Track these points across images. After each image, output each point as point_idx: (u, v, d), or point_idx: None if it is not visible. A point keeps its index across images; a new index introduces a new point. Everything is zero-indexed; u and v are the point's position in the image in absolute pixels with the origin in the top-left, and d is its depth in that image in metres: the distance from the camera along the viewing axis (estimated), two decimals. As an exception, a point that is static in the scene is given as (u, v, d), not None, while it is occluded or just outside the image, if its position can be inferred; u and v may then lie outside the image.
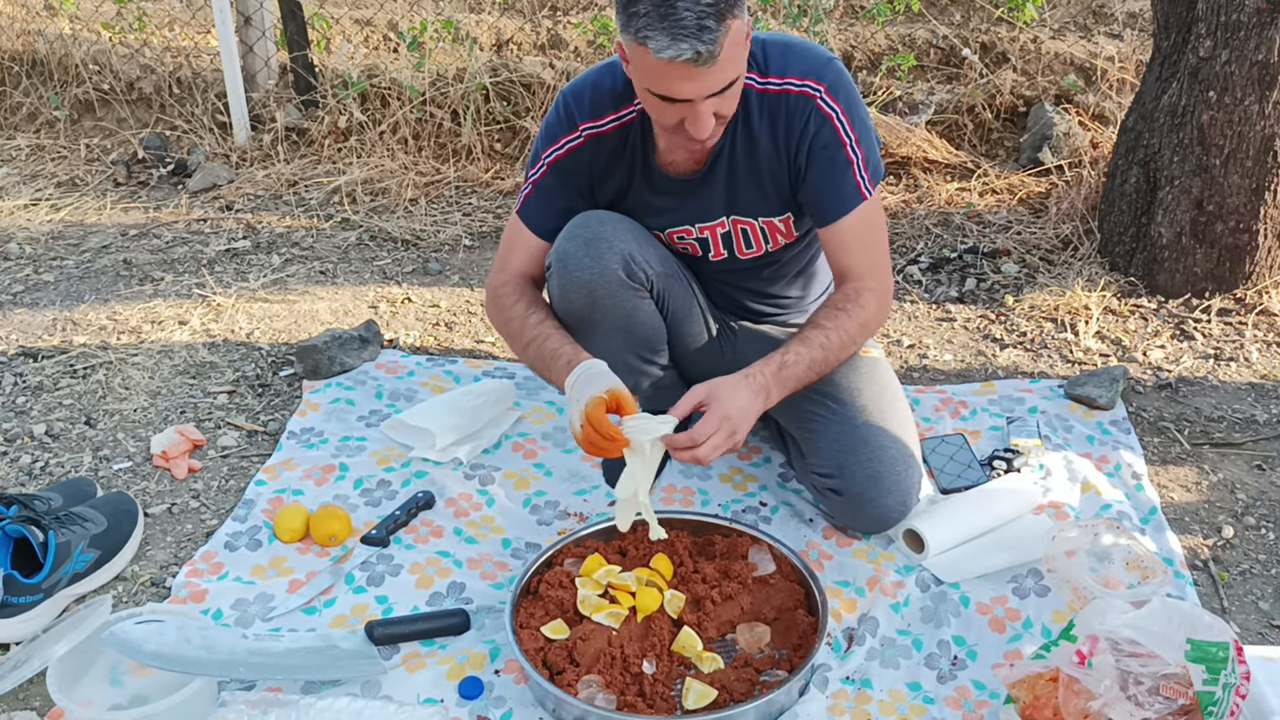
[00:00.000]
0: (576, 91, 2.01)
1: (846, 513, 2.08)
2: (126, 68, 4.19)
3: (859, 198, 1.95)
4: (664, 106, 1.78)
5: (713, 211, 2.05)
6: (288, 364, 2.73)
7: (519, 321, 2.03)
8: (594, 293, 1.98)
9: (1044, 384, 2.60)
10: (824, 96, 1.91)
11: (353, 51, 4.24)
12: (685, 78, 1.71)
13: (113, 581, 2.06)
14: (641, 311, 2.05)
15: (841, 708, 1.77)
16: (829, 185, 1.95)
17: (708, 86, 1.74)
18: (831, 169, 1.94)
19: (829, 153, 1.93)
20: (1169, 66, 2.91)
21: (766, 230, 2.07)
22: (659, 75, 1.73)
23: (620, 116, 1.99)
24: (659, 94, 1.76)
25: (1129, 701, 1.56)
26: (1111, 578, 1.95)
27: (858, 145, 1.93)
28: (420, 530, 2.16)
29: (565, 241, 2.00)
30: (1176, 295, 2.94)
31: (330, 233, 3.44)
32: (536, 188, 2.06)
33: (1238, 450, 2.40)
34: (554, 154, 2.03)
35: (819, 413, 2.07)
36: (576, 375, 1.88)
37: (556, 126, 2.02)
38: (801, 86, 1.91)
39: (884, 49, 4.12)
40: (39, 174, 3.86)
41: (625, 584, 1.92)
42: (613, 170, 2.04)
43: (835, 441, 2.03)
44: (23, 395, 2.59)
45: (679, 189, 2.04)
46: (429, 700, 1.78)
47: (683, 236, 2.10)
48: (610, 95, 1.98)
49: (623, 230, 2.01)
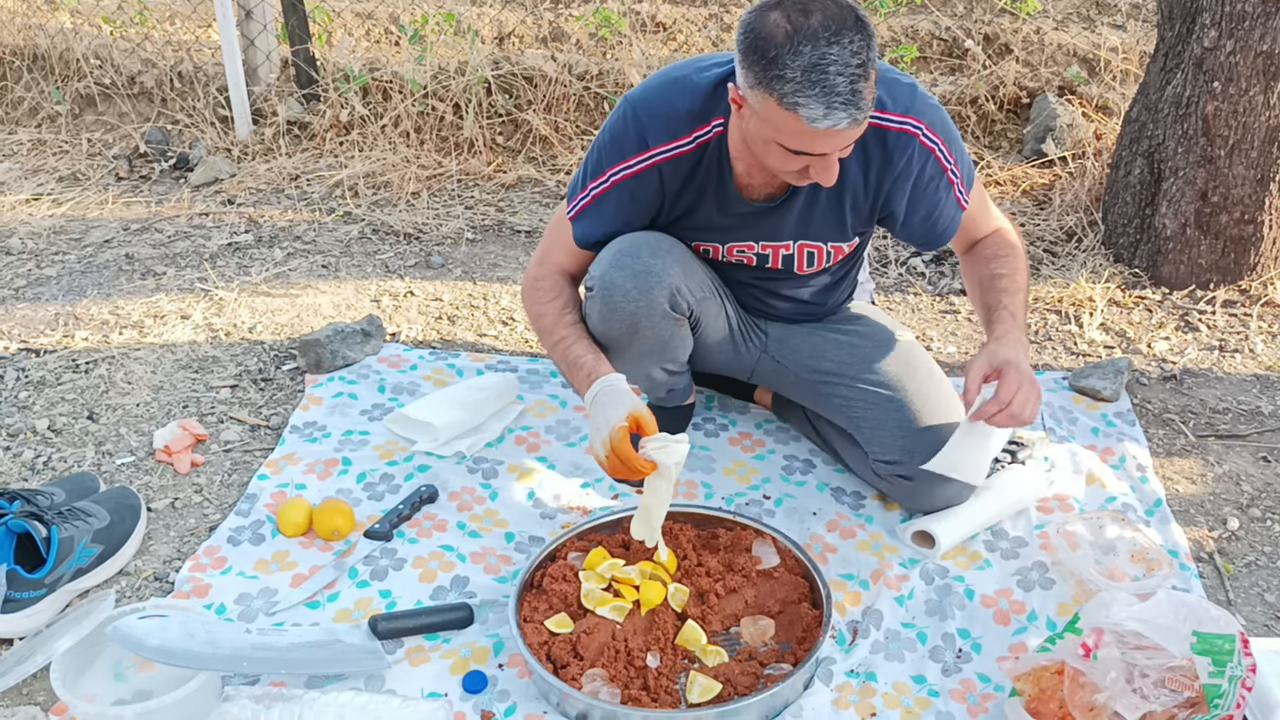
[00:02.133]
0: (649, 108, 1.92)
1: (917, 496, 2.09)
2: (128, 62, 4.18)
3: (960, 210, 2.01)
4: (791, 157, 1.74)
5: (781, 234, 2.02)
6: (290, 358, 2.73)
7: (552, 319, 2.03)
8: (637, 325, 1.98)
9: (1049, 376, 2.59)
10: (926, 132, 1.89)
11: (354, 45, 4.23)
12: (832, 138, 1.68)
13: (116, 576, 2.06)
14: (678, 338, 2.06)
15: (846, 701, 1.77)
16: (939, 213, 1.99)
17: (844, 140, 1.71)
18: (936, 196, 1.96)
19: (934, 183, 1.94)
20: (1173, 57, 2.89)
21: (833, 253, 2.07)
22: (802, 137, 1.69)
23: (696, 138, 1.91)
24: (795, 150, 1.72)
25: (1134, 694, 1.56)
26: (1116, 570, 1.95)
27: (956, 167, 1.95)
28: (423, 524, 2.15)
29: (613, 270, 1.95)
30: (1181, 287, 2.93)
31: (332, 226, 3.44)
32: (597, 201, 1.98)
33: (1243, 442, 2.40)
34: (622, 173, 1.94)
35: (872, 402, 2.08)
36: (595, 393, 1.89)
37: (626, 144, 1.93)
38: (902, 124, 1.87)
39: (887, 41, 4.11)
40: (40, 169, 3.86)
41: (629, 577, 1.92)
42: (685, 191, 1.98)
43: (896, 428, 2.05)
44: (25, 390, 2.59)
45: (756, 214, 1.99)
46: (433, 694, 1.78)
47: (743, 250, 2.07)
48: (688, 117, 1.90)
49: (671, 262, 1.97)
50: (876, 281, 3.06)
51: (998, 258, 2.05)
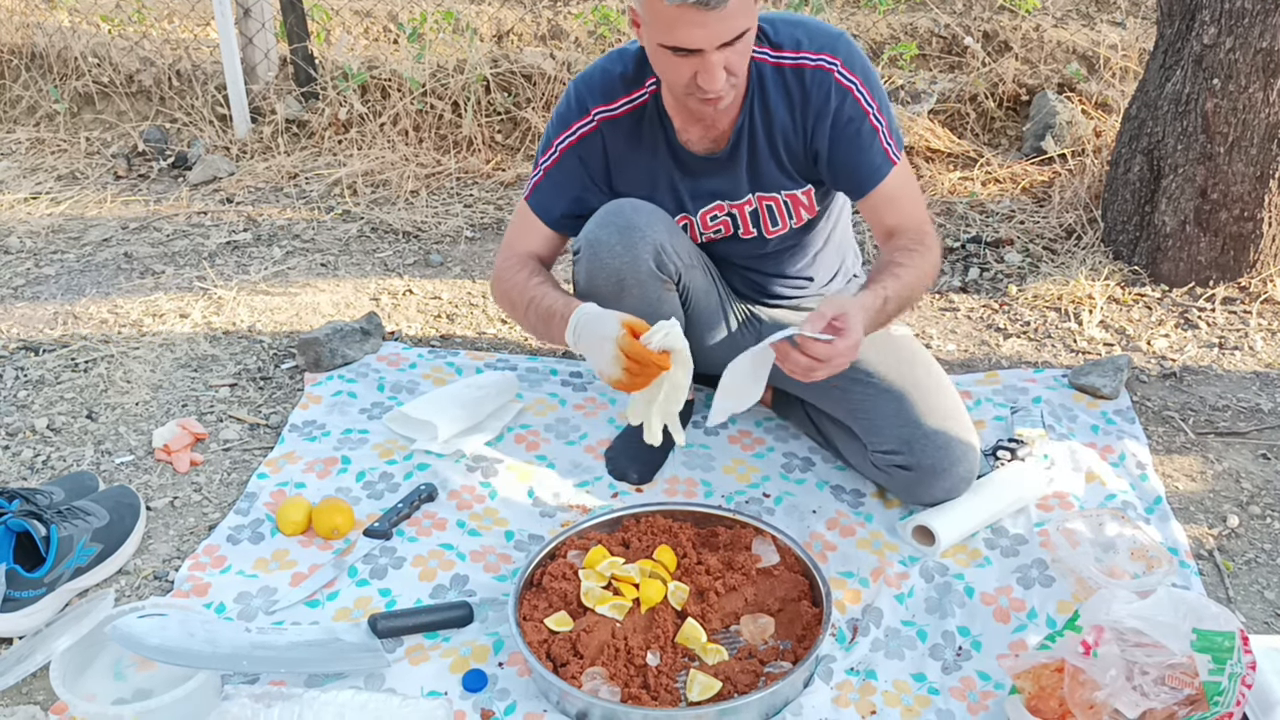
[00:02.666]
0: (587, 78, 2.04)
1: (917, 487, 2.08)
2: (126, 60, 4.18)
3: (889, 164, 1.98)
4: (676, 62, 1.79)
5: (739, 189, 2.06)
6: (289, 357, 2.72)
7: (520, 289, 2.04)
8: (623, 281, 1.98)
9: (1048, 373, 2.59)
10: (840, 69, 1.93)
11: (353, 43, 4.23)
12: (695, 24, 1.72)
13: (115, 575, 2.06)
14: (666, 304, 2.05)
15: (846, 699, 1.77)
16: (859, 157, 1.97)
17: (718, 34, 1.74)
18: (859, 140, 1.96)
19: (854, 125, 1.95)
20: (1173, 54, 2.89)
21: (790, 204, 2.09)
22: (670, 25, 1.74)
23: (632, 99, 2.00)
24: (670, 46, 1.77)
25: (1134, 692, 1.56)
26: (1116, 568, 1.95)
27: (880, 114, 1.96)
28: (423, 523, 2.15)
29: (598, 228, 2.00)
30: (1180, 284, 2.93)
31: (331, 225, 3.43)
32: (548, 174, 2.07)
33: (1242, 439, 2.40)
34: (567, 140, 2.04)
35: (870, 394, 2.08)
36: (575, 323, 1.88)
37: (568, 113, 2.04)
38: (817, 60, 1.93)
39: (886, 38, 4.11)
40: (39, 167, 3.86)
41: (629, 576, 1.92)
42: (632, 154, 2.04)
43: (895, 418, 2.05)
44: (24, 389, 2.59)
45: (706, 168, 2.04)
46: (433, 693, 1.78)
47: (715, 215, 2.11)
48: (621, 79, 2.00)
49: (655, 220, 2.01)
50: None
51: (907, 250, 1.97)
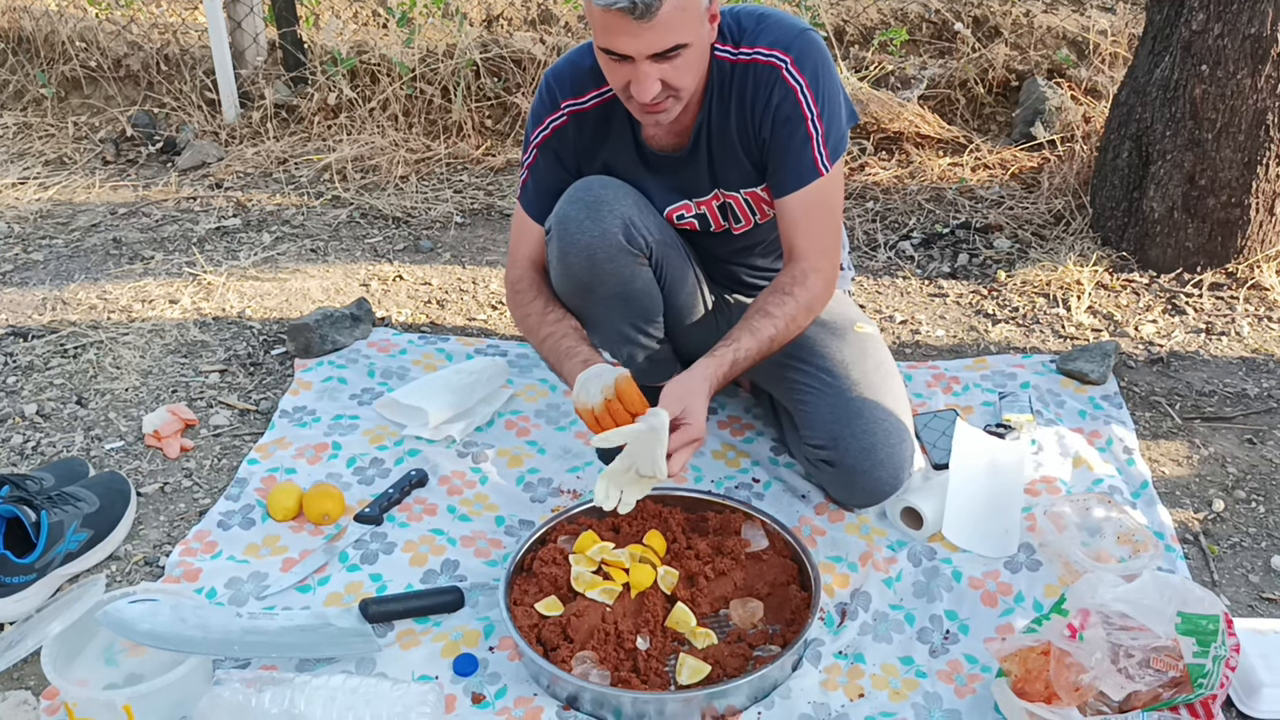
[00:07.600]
0: (558, 72, 2.04)
1: (839, 485, 2.08)
2: (114, 44, 4.15)
3: (815, 173, 1.94)
4: (612, 66, 1.82)
5: (702, 186, 2.07)
6: (279, 342, 2.72)
7: (536, 318, 2.07)
8: (594, 256, 1.98)
9: (1036, 359, 2.60)
10: (789, 68, 1.90)
11: (341, 27, 4.21)
12: (625, 32, 1.73)
13: (106, 561, 2.06)
14: (640, 279, 2.05)
15: (834, 682, 1.78)
16: (787, 158, 1.95)
17: (649, 44, 1.75)
18: (790, 142, 1.93)
19: (789, 126, 1.92)
20: (1161, 40, 2.90)
21: (751, 202, 2.08)
22: (604, 29, 1.76)
23: (602, 93, 2.00)
24: (604, 48, 1.79)
25: (1120, 674, 1.57)
26: (1103, 552, 1.96)
27: (819, 119, 1.92)
28: (414, 508, 2.16)
29: (566, 205, 2.01)
30: (1168, 270, 2.94)
31: (321, 210, 3.43)
32: (530, 173, 2.09)
33: (1228, 424, 2.41)
34: (540, 135, 2.05)
35: (812, 385, 2.08)
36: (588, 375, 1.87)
37: (541, 109, 2.05)
38: (769, 57, 1.91)
39: (876, 23, 4.10)
40: (26, 152, 3.84)
41: (619, 560, 1.92)
42: (599, 148, 2.05)
43: (829, 413, 2.04)
44: (13, 375, 2.59)
45: (670, 165, 2.05)
46: (424, 677, 1.79)
47: (682, 214, 2.12)
48: (591, 73, 1.99)
49: (623, 194, 2.01)
50: (866, 265, 3.06)
51: (781, 295, 1.94)
